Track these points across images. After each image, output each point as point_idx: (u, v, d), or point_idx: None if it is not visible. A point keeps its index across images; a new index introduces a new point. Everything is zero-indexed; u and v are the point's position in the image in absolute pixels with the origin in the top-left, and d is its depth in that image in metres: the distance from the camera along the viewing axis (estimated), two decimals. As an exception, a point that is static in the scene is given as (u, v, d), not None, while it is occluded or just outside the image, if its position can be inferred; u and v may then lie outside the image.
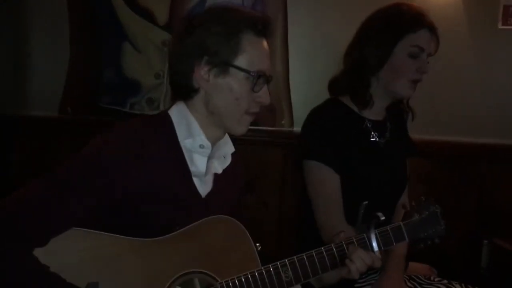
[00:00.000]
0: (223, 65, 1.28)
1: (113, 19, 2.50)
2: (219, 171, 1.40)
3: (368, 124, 1.80)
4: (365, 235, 1.38)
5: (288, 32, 2.47)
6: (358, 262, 1.34)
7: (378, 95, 1.79)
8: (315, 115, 1.81)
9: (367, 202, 1.40)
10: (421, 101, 1.91)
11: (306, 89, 2.51)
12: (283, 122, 2.51)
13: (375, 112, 1.82)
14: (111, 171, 1.20)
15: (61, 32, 2.55)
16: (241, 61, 1.29)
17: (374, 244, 1.37)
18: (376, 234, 1.38)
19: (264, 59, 1.32)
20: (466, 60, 2.53)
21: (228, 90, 1.30)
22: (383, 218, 1.36)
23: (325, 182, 1.72)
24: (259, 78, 1.30)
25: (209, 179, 1.39)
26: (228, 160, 1.43)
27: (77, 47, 2.54)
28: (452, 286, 1.77)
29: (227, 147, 1.43)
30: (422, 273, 1.91)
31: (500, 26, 2.50)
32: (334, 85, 1.85)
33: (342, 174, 1.72)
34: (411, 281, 1.79)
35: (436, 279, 1.82)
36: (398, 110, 1.92)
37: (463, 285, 1.77)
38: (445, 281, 1.79)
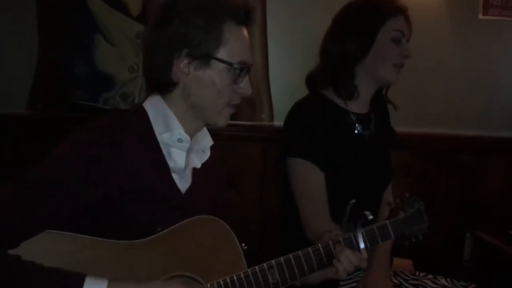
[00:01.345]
0: (205, 58, 1.23)
1: (83, 10, 2.42)
2: (198, 165, 1.35)
3: (353, 117, 1.78)
4: (352, 235, 1.36)
5: (267, 24, 2.43)
6: (345, 262, 1.31)
7: (364, 84, 1.76)
8: (297, 110, 1.77)
9: (354, 200, 1.36)
10: (402, 93, 1.88)
11: (286, 82, 2.47)
12: (262, 116, 2.48)
13: (359, 105, 1.80)
14: (91, 170, 1.15)
15: (29, 23, 2.44)
16: (222, 53, 1.24)
17: (361, 244, 1.35)
18: (363, 234, 1.36)
19: (246, 49, 1.28)
20: (447, 51, 2.53)
21: (210, 83, 1.25)
22: (371, 217, 1.34)
23: (310, 180, 1.69)
24: (242, 70, 1.25)
25: (188, 174, 1.34)
26: (207, 154, 1.38)
27: (46, 40, 2.44)
28: (437, 281, 1.77)
29: (206, 140, 1.39)
30: (405, 269, 1.91)
31: (480, 17, 2.51)
32: (313, 80, 1.81)
33: (327, 171, 1.70)
34: (397, 277, 1.78)
35: (421, 274, 1.82)
36: (381, 103, 1.90)
37: (448, 279, 1.78)
38: (431, 276, 1.80)
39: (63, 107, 2.46)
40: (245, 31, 1.28)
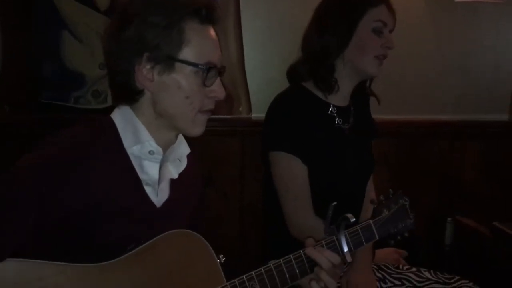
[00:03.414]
0: (167, 61, 1.16)
1: (48, 5, 2.30)
2: (175, 176, 1.29)
3: (333, 110, 1.75)
4: (335, 238, 1.32)
5: (241, 14, 2.35)
6: (327, 264, 1.28)
7: (345, 77, 1.73)
8: (279, 103, 1.74)
9: (335, 203, 1.33)
10: (377, 79, 1.83)
11: (263, 73, 2.42)
12: (240, 109, 2.42)
13: (340, 98, 1.77)
14: (55, 188, 1.09)
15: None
16: (186, 53, 1.16)
17: (345, 247, 1.32)
18: (346, 236, 1.33)
19: (213, 49, 1.20)
20: (423, 34, 2.51)
21: (176, 88, 1.18)
22: (353, 219, 1.30)
23: (294, 175, 1.66)
24: (209, 70, 1.18)
25: (165, 187, 1.28)
26: (184, 163, 1.32)
27: (10, 37, 2.33)
28: (421, 274, 1.77)
29: (182, 149, 1.32)
30: (389, 258, 1.90)
31: (456, -1, 2.48)
32: (294, 73, 1.78)
33: (309, 164, 1.66)
34: (380, 271, 1.77)
35: (405, 267, 1.82)
36: (363, 95, 1.86)
37: (431, 272, 1.78)
38: (414, 269, 1.80)
39: (32, 107, 2.36)
40: (210, 30, 1.21)
